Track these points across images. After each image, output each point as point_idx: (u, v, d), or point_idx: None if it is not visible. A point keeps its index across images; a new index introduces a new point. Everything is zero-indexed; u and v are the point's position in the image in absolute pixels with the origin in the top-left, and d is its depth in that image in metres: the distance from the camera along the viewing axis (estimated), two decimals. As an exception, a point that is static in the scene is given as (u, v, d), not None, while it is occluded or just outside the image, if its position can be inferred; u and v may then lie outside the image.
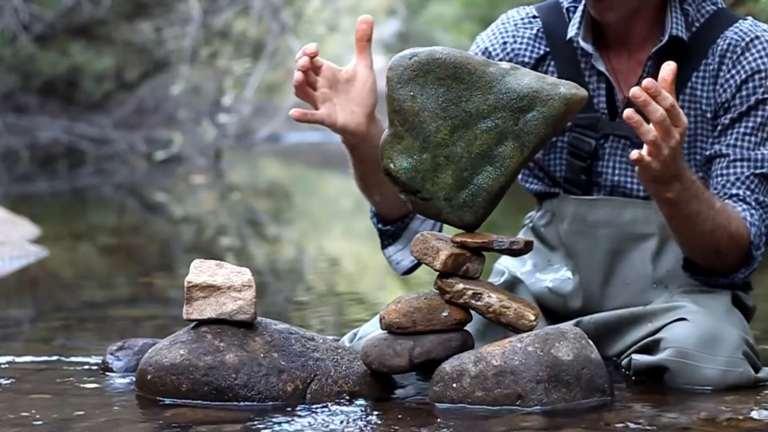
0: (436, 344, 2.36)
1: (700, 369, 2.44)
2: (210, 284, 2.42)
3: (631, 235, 2.70)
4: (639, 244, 2.70)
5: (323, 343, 2.47)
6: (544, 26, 2.79)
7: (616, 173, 2.73)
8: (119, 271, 5.12)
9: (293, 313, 3.66)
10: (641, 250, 2.70)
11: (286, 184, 11.87)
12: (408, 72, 2.33)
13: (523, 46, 2.79)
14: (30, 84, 13.15)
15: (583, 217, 2.73)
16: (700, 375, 2.44)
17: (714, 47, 2.67)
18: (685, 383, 2.45)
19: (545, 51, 2.78)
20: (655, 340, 2.52)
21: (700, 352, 2.45)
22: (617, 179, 2.72)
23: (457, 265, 2.37)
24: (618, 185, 2.72)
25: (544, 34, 2.79)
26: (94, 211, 8.62)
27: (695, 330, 2.47)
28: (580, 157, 2.73)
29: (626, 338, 2.64)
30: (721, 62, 2.66)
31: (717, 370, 2.44)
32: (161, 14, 14.36)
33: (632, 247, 2.71)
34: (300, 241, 6.58)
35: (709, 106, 2.67)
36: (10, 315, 3.83)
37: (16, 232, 5.93)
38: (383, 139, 2.36)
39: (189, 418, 2.27)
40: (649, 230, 2.70)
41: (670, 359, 2.46)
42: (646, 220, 2.70)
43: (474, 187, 2.34)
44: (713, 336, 2.47)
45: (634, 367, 2.53)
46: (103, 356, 2.73)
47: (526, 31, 2.80)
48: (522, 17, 2.82)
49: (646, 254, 2.70)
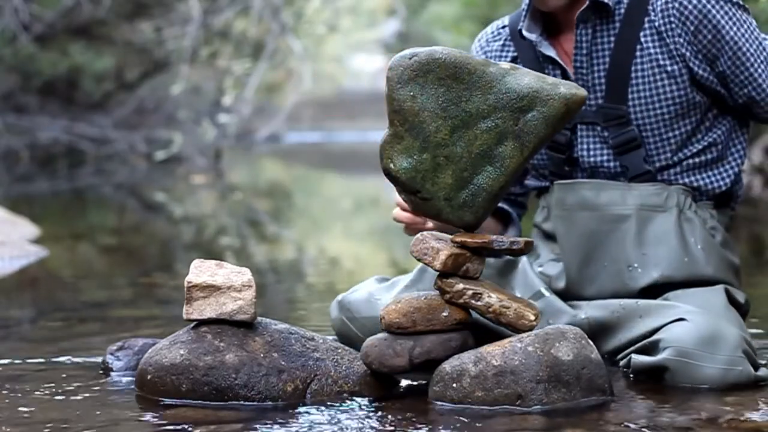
0: (436, 344, 2.36)
1: (701, 368, 2.44)
2: (210, 284, 2.42)
3: (608, 217, 2.73)
4: (616, 226, 2.73)
5: (323, 343, 2.47)
6: (510, 32, 2.89)
7: (591, 156, 2.77)
8: (119, 271, 5.12)
9: (293, 313, 3.66)
10: (618, 231, 2.73)
11: (286, 184, 11.87)
12: (408, 72, 2.33)
13: (493, 59, 2.89)
14: (30, 84, 13.17)
15: (562, 201, 2.78)
16: (701, 374, 2.44)
17: (652, 2, 2.71)
18: (686, 383, 2.45)
19: (513, 56, 2.88)
20: (654, 341, 2.53)
21: (700, 351, 2.45)
22: (594, 160, 2.77)
23: (457, 265, 2.37)
24: (597, 167, 2.77)
25: (511, 41, 2.88)
26: (94, 211, 8.62)
27: (695, 329, 2.48)
28: (559, 149, 2.80)
29: (620, 335, 2.65)
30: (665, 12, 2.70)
31: (717, 369, 2.44)
32: (161, 14, 14.37)
33: (609, 229, 2.73)
34: (300, 241, 6.58)
35: (669, 59, 2.70)
36: (10, 315, 3.83)
37: (16, 232, 5.93)
38: (383, 139, 2.36)
39: (189, 418, 2.27)
40: (625, 212, 2.73)
41: (670, 359, 2.46)
42: (622, 202, 2.73)
43: (474, 187, 2.34)
44: (713, 335, 2.47)
45: (634, 367, 2.54)
46: (103, 356, 2.73)
47: (494, 44, 2.91)
48: (492, 31, 2.94)
49: (623, 236, 2.73)
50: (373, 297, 2.81)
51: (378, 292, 2.82)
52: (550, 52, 2.76)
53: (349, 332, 2.80)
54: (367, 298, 2.81)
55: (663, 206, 2.73)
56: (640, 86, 2.72)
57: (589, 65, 2.74)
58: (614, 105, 2.73)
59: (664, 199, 2.73)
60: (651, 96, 2.71)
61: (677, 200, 2.73)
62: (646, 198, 2.72)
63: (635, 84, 2.72)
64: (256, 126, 15.58)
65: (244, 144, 15.44)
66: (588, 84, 2.75)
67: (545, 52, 2.76)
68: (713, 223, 2.77)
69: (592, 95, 2.75)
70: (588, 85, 2.75)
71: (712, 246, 2.73)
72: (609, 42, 2.73)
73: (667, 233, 2.71)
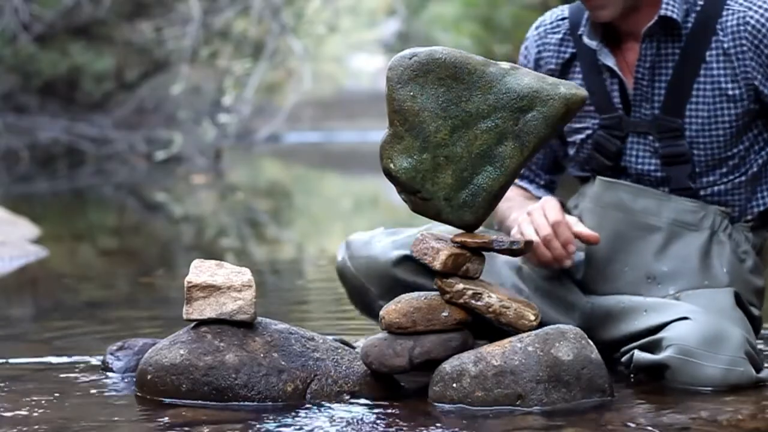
0: (436, 344, 2.36)
1: (702, 367, 2.44)
2: (210, 284, 2.42)
3: (639, 224, 2.72)
4: (644, 235, 2.71)
5: (323, 343, 2.47)
6: (570, 27, 2.83)
7: (639, 164, 2.75)
8: (119, 271, 5.12)
9: (293, 313, 3.66)
10: (645, 241, 2.71)
11: (286, 184, 11.87)
12: (408, 72, 2.32)
13: (549, 53, 2.84)
14: (30, 84, 13.16)
15: (599, 197, 2.76)
16: (702, 373, 2.44)
17: (721, 21, 2.67)
18: (686, 382, 2.45)
19: (571, 53, 2.82)
20: (656, 339, 2.52)
21: (702, 351, 2.45)
22: (641, 168, 2.75)
23: (457, 265, 2.37)
24: (643, 175, 2.75)
25: (570, 36, 2.83)
26: (94, 211, 8.62)
27: (698, 328, 2.48)
28: (608, 156, 2.78)
29: (622, 327, 2.64)
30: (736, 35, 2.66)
31: (719, 369, 2.44)
32: (161, 14, 14.37)
33: (637, 236, 2.72)
34: (300, 241, 6.58)
35: (732, 82, 2.68)
36: (10, 315, 3.83)
37: (16, 232, 5.93)
38: (383, 139, 2.36)
39: (189, 418, 2.27)
40: (657, 223, 2.71)
41: (673, 357, 2.46)
42: (657, 212, 2.71)
43: (474, 187, 2.34)
44: (716, 335, 2.47)
45: (636, 363, 2.53)
46: (103, 356, 2.73)
47: (552, 36, 2.85)
48: (551, 21, 2.86)
49: (648, 246, 2.71)
50: (373, 239, 2.81)
51: (379, 235, 2.82)
52: (609, 62, 2.72)
53: (345, 271, 2.80)
54: (367, 240, 2.81)
55: (696, 225, 2.70)
56: (699, 105, 2.68)
57: (651, 78, 2.71)
58: (670, 118, 2.70)
59: (700, 218, 2.70)
60: (708, 117, 2.68)
61: (712, 221, 2.71)
62: (681, 214, 2.70)
63: (694, 102, 2.68)
64: (256, 126, 15.57)
65: (244, 144, 15.43)
66: (647, 95, 2.71)
67: (604, 61, 2.72)
68: (746, 246, 2.73)
69: (649, 106, 2.72)
70: (647, 96, 2.71)
71: (738, 271, 2.70)
72: (673, 57, 2.69)
73: (692, 254, 2.69)
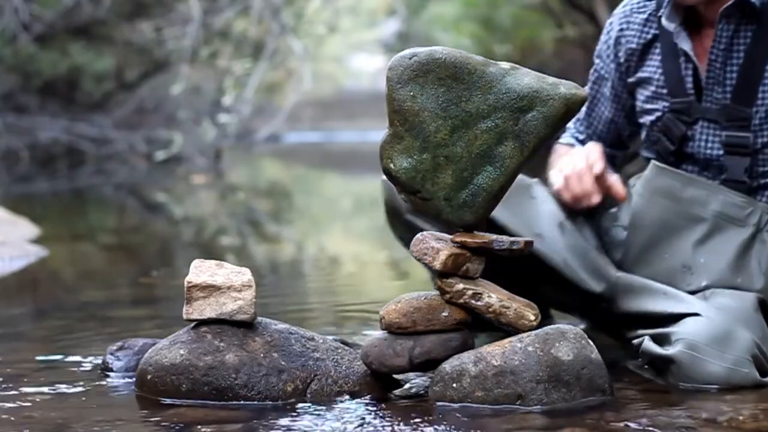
0: (436, 344, 2.36)
1: (707, 364, 2.44)
2: (210, 284, 2.42)
3: (685, 214, 2.73)
4: (689, 225, 2.73)
5: (323, 343, 2.47)
6: (656, 8, 2.85)
7: (708, 149, 2.77)
8: (119, 271, 5.12)
9: (293, 313, 3.66)
10: (689, 231, 2.72)
11: (286, 184, 11.86)
12: (408, 72, 2.32)
13: (632, 32, 2.87)
14: (30, 84, 13.16)
15: (649, 182, 2.77)
16: (706, 370, 2.44)
17: None
18: (690, 378, 2.45)
19: (654, 35, 2.85)
20: (666, 333, 2.53)
21: (709, 348, 2.45)
22: (709, 153, 2.76)
23: (457, 265, 2.37)
24: (711, 160, 2.77)
25: (655, 17, 2.85)
26: (94, 211, 8.61)
27: (709, 326, 2.48)
28: (671, 140, 2.80)
29: (639, 303, 2.66)
30: None
31: (723, 368, 2.44)
32: (161, 14, 14.36)
33: (681, 226, 2.73)
34: (300, 241, 6.58)
35: None
36: (10, 315, 3.83)
37: (16, 232, 5.93)
38: (383, 139, 2.36)
39: (189, 418, 2.27)
40: (703, 214, 2.72)
41: (679, 352, 2.46)
42: (704, 203, 2.72)
43: (474, 187, 2.34)
44: (725, 334, 2.47)
45: (643, 351, 2.55)
46: (103, 356, 2.73)
47: (637, 16, 2.88)
48: (638, 0, 2.89)
49: (691, 237, 2.72)
50: None
51: None
52: (684, 46, 2.75)
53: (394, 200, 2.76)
54: None
55: (742, 221, 2.71)
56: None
57: (724, 62, 2.72)
58: (740, 106, 2.71)
59: (746, 214, 2.71)
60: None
61: (759, 219, 2.72)
62: (728, 207, 2.71)
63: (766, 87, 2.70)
64: (256, 126, 15.57)
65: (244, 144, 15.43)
66: (719, 80, 2.73)
67: (681, 45, 2.75)
68: None
69: (720, 91, 2.74)
70: (719, 80, 2.73)
71: None
72: (746, 41, 2.70)
73: (731, 249, 2.70)
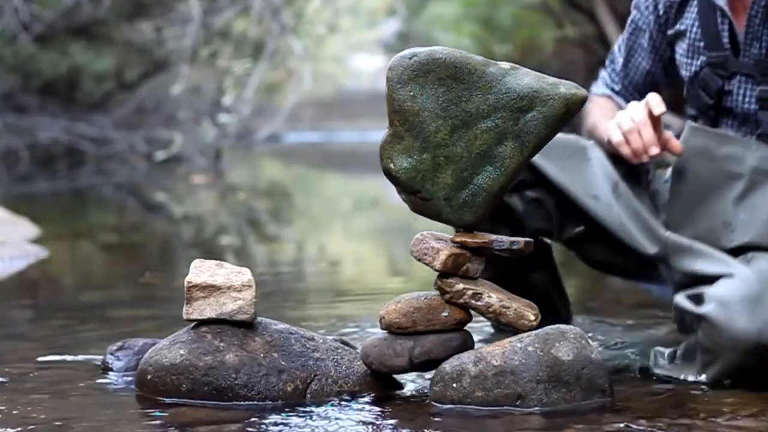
0: (436, 344, 2.36)
1: (737, 322, 2.45)
2: (210, 284, 2.42)
3: (722, 171, 2.74)
4: (727, 182, 2.73)
5: (323, 343, 2.47)
6: None
7: (746, 104, 2.78)
8: (119, 271, 5.12)
9: (293, 313, 3.66)
10: (727, 188, 2.73)
11: (286, 184, 11.86)
12: (408, 72, 2.32)
13: None
14: (30, 84, 13.15)
15: (685, 143, 2.78)
16: (735, 327, 2.44)
17: None
18: (719, 336, 2.45)
19: None
20: (700, 294, 2.54)
21: (741, 307, 2.46)
22: (747, 107, 2.78)
23: (457, 265, 2.37)
24: (749, 114, 2.78)
25: None
26: (94, 211, 8.61)
27: (742, 287, 2.49)
28: (709, 95, 2.81)
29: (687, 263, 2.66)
30: None
31: (754, 328, 2.44)
32: (161, 14, 14.36)
33: (719, 184, 2.74)
34: (300, 241, 6.58)
35: None
36: (10, 315, 3.83)
37: (16, 232, 5.93)
38: (383, 139, 2.36)
39: (189, 418, 2.27)
40: (740, 170, 2.73)
41: (711, 311, 2.47)
42: (740, 160, 2.73)
43: (474, 187, 2.34)
44: (758, 296, 2.48)
45: (675, 306, 2.57)
46: (103, 356, 2.73)
47: None
48: None
49: (730, 194, 2.73)
50: None
51: None
52: (719, 2, 2.76)
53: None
54: None
55: None
56: None
57: (765, 17, 2.73)
58: None
59: None
60: None
61: None
62: (765, 162, 2.72)
63: None
64: (256, 126, 15.56)
65: (244, 144, 15.43)
66: (758, 35, 2.74)
67: (716, 2, 2.76)
68: None
69: (756, 46, 2.75)
70: (757, 35, 2.74)
71: None
72: None
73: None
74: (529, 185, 2.86)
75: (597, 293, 4.08)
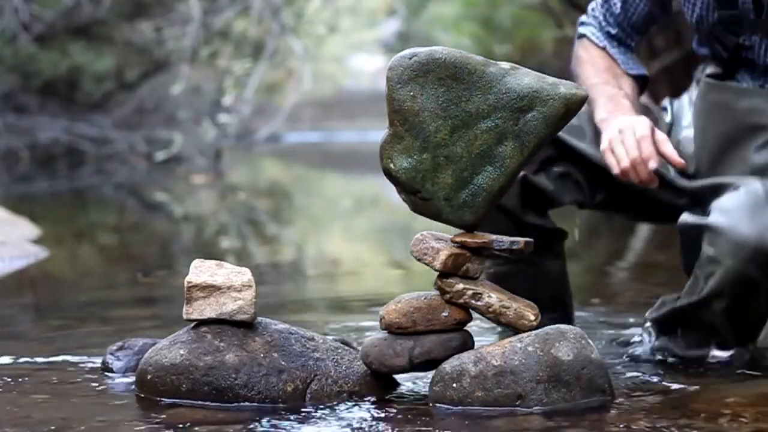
0: (436, 344, 2.36)
1: (738, 227, 2.46)
2: (210, 284, 2.42)
3: (744, 124, 2.72)
4: (750, 135, 2.71)
5: (323, 343, 2.47)
6: None
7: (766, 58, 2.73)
8: (119, 271, 5.12)
9: (293, 313, 3.66)
10: (750, 140, 2.71)
11: (286, 184, 11.86)
12: (408, 72, 2.32)
13: None
14: (30, 84, 13.15)
15: (703, 98, 2.77)
16: (738, 233, 2.46)
17: None
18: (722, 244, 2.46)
19: None
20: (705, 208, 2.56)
21: (743, 213, 2.47)
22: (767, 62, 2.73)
23: (457, 265, 2.37)
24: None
25: None
26: (94, 211, 8.61)
27: (744, 195, 2.51)
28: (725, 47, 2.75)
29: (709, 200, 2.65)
30: None
31: (755, 232, 2.45)
32: (161, 14, 14.35)
33: (743, 136, 2.72)
34: (300, 241, 6.58)
35: None
36: (10, 315, 3.83)
37: (16, 232, 5.93)
38: (383, 139, 2.36)
39: (189, 418, 2.27)
40: (761, 122, 2.71)
41: (713, 217, 2.49)
42: (761, 110, 2.71)
43: (474, 187, 2.34)
44: (761, 204, 2.49)
45: (679, 225, 2.58)
46: (103, 356, 2.73)
47: None
48: None
49: (754, 145, 2.71)
50: None
51: None
52: None
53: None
54: None
55: None
56: None
57: None
58: None
59: None
60: None
61: None
62: None
63: None
64: (256, 126, 15.56)
65: (244, 144, 15.43)
66: None
67: None
68: None
69: None
70: None
71: None
72: None
73: None
74: (553, 161, 2.83)
75: (597, 289, 4.08)
